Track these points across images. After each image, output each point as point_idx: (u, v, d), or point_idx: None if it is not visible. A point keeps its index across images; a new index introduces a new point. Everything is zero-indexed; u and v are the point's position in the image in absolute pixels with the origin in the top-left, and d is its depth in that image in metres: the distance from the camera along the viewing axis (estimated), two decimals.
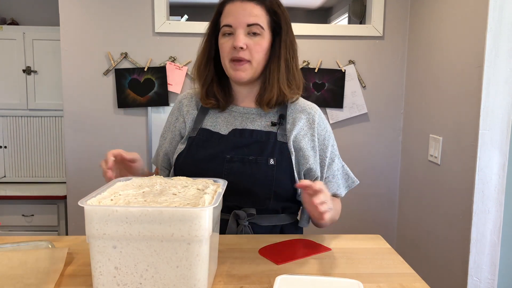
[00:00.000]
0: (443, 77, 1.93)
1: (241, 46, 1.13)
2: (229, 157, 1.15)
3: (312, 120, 1.22)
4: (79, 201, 0.74)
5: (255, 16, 1.15)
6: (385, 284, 0.87)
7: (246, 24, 1.14)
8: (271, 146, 1.16)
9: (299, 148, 1.19)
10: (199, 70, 1.24)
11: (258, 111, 1.23)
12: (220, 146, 1.17)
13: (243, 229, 1.14)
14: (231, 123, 1.22)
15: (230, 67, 1.17)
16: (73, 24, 2.25)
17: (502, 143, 1.62)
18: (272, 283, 0.82)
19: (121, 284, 0.75)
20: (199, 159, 1.17)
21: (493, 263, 1.67)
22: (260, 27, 1.15)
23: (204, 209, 0.73)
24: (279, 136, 1.18)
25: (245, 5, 1.15)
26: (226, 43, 1.16)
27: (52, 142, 2.88)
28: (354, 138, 2.37)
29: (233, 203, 1.15)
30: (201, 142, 1.19)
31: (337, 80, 2.32)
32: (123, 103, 2.30)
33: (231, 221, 1.14)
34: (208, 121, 1.23)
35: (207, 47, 1.23)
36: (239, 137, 1.18)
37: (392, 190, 2.42)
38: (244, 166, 1.14)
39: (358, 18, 3.18)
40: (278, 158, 1.15)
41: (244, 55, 1.15)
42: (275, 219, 1.19)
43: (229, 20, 1.15)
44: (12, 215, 2.61)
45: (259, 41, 1.16)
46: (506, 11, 1.56)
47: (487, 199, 1.64)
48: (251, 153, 1.15)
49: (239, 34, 1.14)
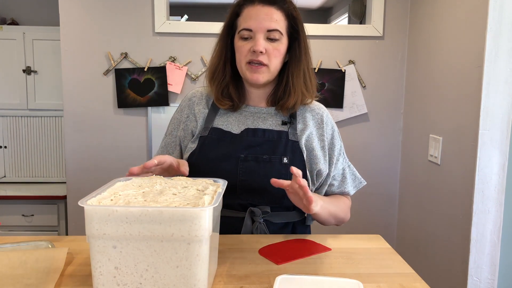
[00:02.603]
0: (443, 77, 1.93)
1: (261, 50, 1.14)
2: (243, 156, 1.17)
3: (320, 120, 1.25)
4: (79, 201, 0.74)
5: (276, 22, 1.16)
6: (385, 284, 0.87)
7: (266, 29, 1.15)
8: (283, 145, 1.18)
9: (312, 148, 1.21)
10: (215, 72, 1.24)
11: (268, 111, 1.25)
12: (233, 146, 1.18)
13: (259, 227, 1.16)
14: (243, 123, 1.23)
15: (246, 69, 1.18)
16: (73, 24, 2.25)
17: (502, 143, 1.61)
18: (272, 283, 0.82)
19: (121, 284, 0.75)
20: (213, 158, 1.18)
21: (493, 263, 1.67)
22: (280, 32, 1.17)
23: (204, 209, 0.73)
24: (290, 135, 1.20)
25: (266, 9, 1.16)
26: (244, 46, 1.17)
27: (52, 142, 2.88)
28: (354, 138, 2.37)
29: (247, 201, 1.17)
30: (213, 142, 1.20)
31: (337, 80, 2.32)
32: (123, 103, 2.30)
33: (247, 219, 1.16)
34: (219, 120, 1.24)
35: (223, 49, 1.23)
36: (252, 136, 1.20)
37: (392, 190, 2.42)
38: (258, 165, 1.16)
39: (358, 18, 3.18)
40: (291, 157, 1.17)
41: (263, 59, 1.16)
42: (287, 216, 1.21)
43: (249, 24, 1.16)
44: (12, 215, 2.61)
45: (277, 46, 1.17)
46: (506, 11, 1.56)
47: (487, 199, 1.64)
48: (264, 152, 1.17)
49: (259, 38, 1.15)
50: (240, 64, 1.19)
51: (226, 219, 1.16)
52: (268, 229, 1.18)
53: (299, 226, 1.25)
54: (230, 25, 1.22)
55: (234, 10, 1.21)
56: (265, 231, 1.17)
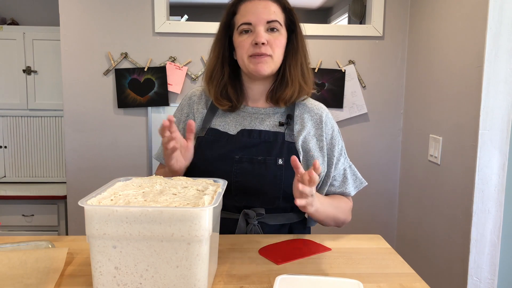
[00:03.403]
0: (443, 77, 1.93)
1: (263, 41, 1.15)
2: (238, 157, 1.16)
3: (319, 121, 1.24)
4: (79, 201, 0.74)
5: (274, 13, 1.18)
6: (385, 284, 0.87)
7: (266, 21, 1.16)
8: (279, 146, 1.18)
9: (308, 150, 1.21)
10: (213, 72, 1.24)
11: (266, 111, 1.25)
12: (228, 146, 1.18)
13: (253, 228, 1.15)
14: (240, 123, 1.23)
15: (250, 62, 1.18)
16: (73, 24, 2.25)
17: (502, 143, 1.62)
18: (272, 283, 0.82)
19: (121, 284, 0.75)
20: (208, 158, 1.18)
21: (493, 263, 1.67)
22: (279, 23, 1.18)
23: (204, 209, 0.73)
24: (287, 136, 1.20)
25: (263, 3, 1.18)
26: (245, 40, 1.17)
27: (52, 142, 2.88)
28: (354, 138, 2.37)
29: (242, 203, 1.16)
30: (210, 142, 1.20)
31: (337, 80, 2.32)
32: (123, 103, 2.30)
33: (240, 220, 1.16)
34: (216, 121, 1.24)
35: (221, 49, 1.24)
36: (247, 137, 1.19)
37: (392, 190, 2.42)
38: (253, 166, 1.15)
39: (358, 18, 3.18)
40: (287, 158, 1.16)
41: (266, 50, 1.16)
42: (283, 218, 1.21)
43: (248, 18, 1.17)
44: (12, 215, 2.61)
45: (278, 37, 1.18)
46: (506, 11, 1.56)
47: (487, 199, 1.64)
48: (259, 153, 1.17)
49: (260, 30, 1.16)
50: (243, 59, 1.19)
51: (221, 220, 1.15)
52: (264, 231, 1.17)
53: (296, 228, 1.24)
54: (227, 25, 1.22)
55: (230, 10, 1.22)
56: (259, 233, 1.16)
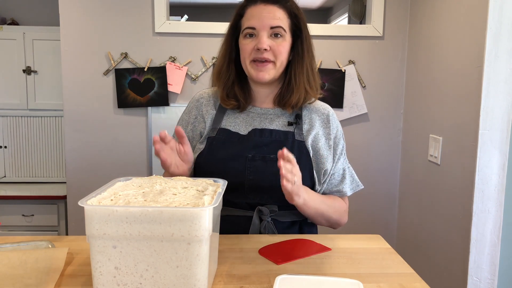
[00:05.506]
0: (443, 77, 1.93)
1: (265, 47, 1.16)
2: (250, 156, 1.18)
3: (327, 119, 1.27)
4: (79, 201, 0.74)
5: (278, 19, 1.18)
6: (385, 284, 0.87)
7: (269, 27, 1.17)
8: (289, 145, 1.20)
9: (318, 149, 1.23)
10: (220, 72, 1.26)
11: (275, 112, 1.27)
12: (240, 146, 1.20)
13: (266, 225, 1.17)
14: (250, 123, 1.25)
15: (251, 68, 1.20)
16: (73, 24, 2.25)
17: (502, 143, 1.61)
18: (272, 283, 0.82)
19: (121, 284, 0.75)
20: (221, 158, 1.19)
21: (493, 263, 1.67)
22: (283, 29, 1.18)
23: (204, 209, 0.73)
24: (297, 135, 1.22)
25: (268, 8, 1.18)
26: (248, 44, 1.19)
27: (52, 142, 2.88)
28: (354, 138, 2.37)
29: (255, 201, 1.18)
30: (221, 142, 1.22)
31: (337, 80, 2.32)
32: (123, 103, 2.30)
33: (255, 218, 1.17)
34: (226, 121, 1.26)
35: (228, 49, 1.25)
36: (259, 136, 1.21)
37: (392, 190, 2.42)
38: (266, 164, 1.18)
39: (358, 18, 3.18)
40: (297, 156, 1.17)
41: (269, 56, 1.17)
42: (294, 215, 1.22)
43: (252, 22, 1.18)
44: (12, 215, 2.61)
45: (282, 43, 1.19)
46: (506, 11, 1.56)
47: (487, 199, 1.64)
48: (271, 152, 1.19)
49: (263, 36, 1.17)
50: (245, 63, 1.21)
51: (235, 218, 1.17)
52: (276, 228, 1.19)
53: (306, 225, 1.26)
54: (234, 27, 1.24)
55: (237, 12, 1.24)
56: (273, 230, 1.18)
